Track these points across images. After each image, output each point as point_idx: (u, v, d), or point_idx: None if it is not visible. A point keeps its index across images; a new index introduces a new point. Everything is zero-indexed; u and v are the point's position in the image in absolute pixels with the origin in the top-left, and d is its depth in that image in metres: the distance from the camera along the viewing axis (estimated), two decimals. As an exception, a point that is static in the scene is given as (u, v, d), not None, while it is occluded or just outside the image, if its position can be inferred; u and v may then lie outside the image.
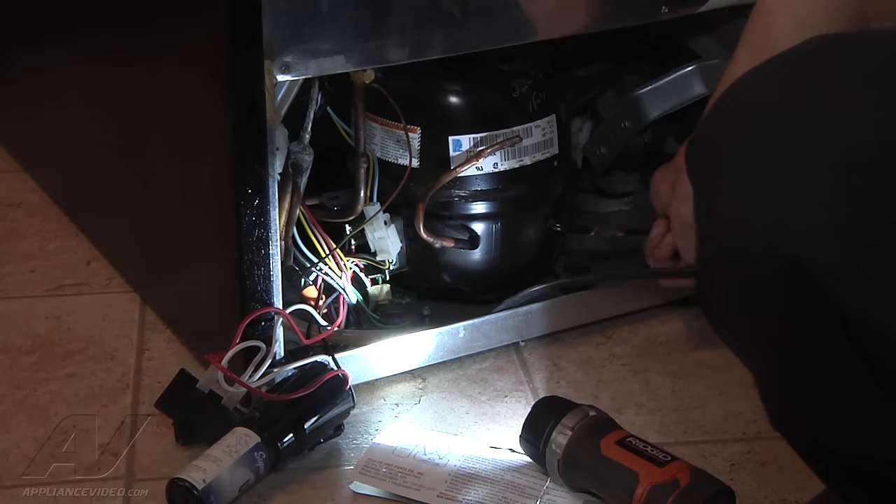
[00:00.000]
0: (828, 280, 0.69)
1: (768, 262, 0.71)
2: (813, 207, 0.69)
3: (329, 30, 1.06)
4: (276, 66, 1.05)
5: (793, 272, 0.70)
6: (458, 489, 1.05)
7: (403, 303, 1.26)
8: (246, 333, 1.09)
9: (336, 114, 1.23)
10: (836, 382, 0.74)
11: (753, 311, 0.75)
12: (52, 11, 1.45)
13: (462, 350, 1.24)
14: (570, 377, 1.23)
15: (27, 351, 1.26)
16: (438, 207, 1.24)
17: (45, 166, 1.60)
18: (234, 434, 1.05)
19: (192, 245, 1.23)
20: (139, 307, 1.33)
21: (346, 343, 1.19)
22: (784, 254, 0.70)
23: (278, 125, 1.11)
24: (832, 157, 0.69)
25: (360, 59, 1.09)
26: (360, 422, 1.15)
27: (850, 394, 0.74)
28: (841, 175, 0.68)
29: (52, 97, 1.52)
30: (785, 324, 0.74)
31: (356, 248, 1.23)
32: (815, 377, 0.75)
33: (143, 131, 1.28)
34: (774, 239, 0.70)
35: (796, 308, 0.72)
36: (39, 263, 1.43)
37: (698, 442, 1.12)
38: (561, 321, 1.28)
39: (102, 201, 1.44)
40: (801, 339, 0.74)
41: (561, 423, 1.05)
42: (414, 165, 1.22)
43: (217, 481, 1.01)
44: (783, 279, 0.71)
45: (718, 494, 1.00)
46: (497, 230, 1.25)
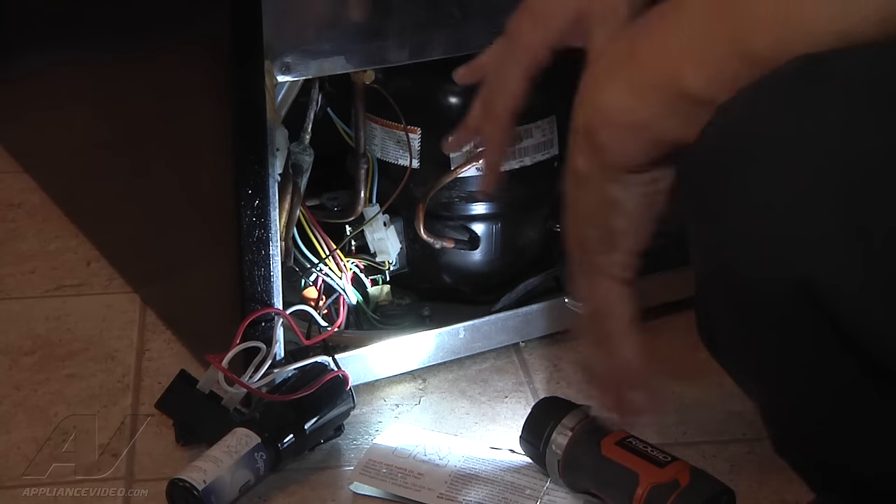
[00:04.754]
0: (836, 295, 0.68)
1: (775, 281, 0.70)
2: (818, 223, 0.68)
3: (329, 30, 1.06)
4: (277, 66, 1.05)
5: (804, 294, 0.69)
6: (458, 490, 1.05)
7: (403, 303, 1.26)
8: (246, 334, 1.10)
9: (336, 115, 1.23)
10: (847, 402, 0.74)
11: (759, 335, 0.74)
12: (53, 12, 1.45)
13: (462, 351, 1.24)
14: (571, 378, 1.23)
15: (27, 351, 1.26)
16: (438, 208, 1.24)
17: (45, 167, 1.60)
18: (235, 435, 1.05)
19: (193, 246, 1.23)
20: (139, 308, 1.34)
21: (346, 344, 1.19)
22: (792, 272, 0.69)
23: (278, 126, 1.11)
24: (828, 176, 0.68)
25: (360, 60, 1.09)
26: (360, 422, 1.15)
27: (859, 411, 0.74)
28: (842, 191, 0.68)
29: (53, 98, 1.52)
30: (792, 346, 0.73)
31: (356, 248, 1.23)
32: (823, 398, 0.74)
33: (143, 132, 1.28)
34: (781, 258, 0.69)
35: (804, 329, 0.71)
36: (40, 264, 1.43)
37: (698, 442, 1.12)
38: (561, 322, 1.28)
39: (103, 202, 1.44)
40: (808, 361, 0.73)
41: (561, 423, 1.05)
42: (414, 166, 1.22)
43: (217, 482, 1.01)
44: (794, 301, 0.70)
45: (718, 495, 1.00)
46: (497, 231, 1.26)
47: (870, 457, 0.77)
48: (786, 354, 0.74)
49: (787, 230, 0.69)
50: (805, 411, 0.77)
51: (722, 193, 0.71)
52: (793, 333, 0.72)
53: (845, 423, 0.76)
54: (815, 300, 0.69)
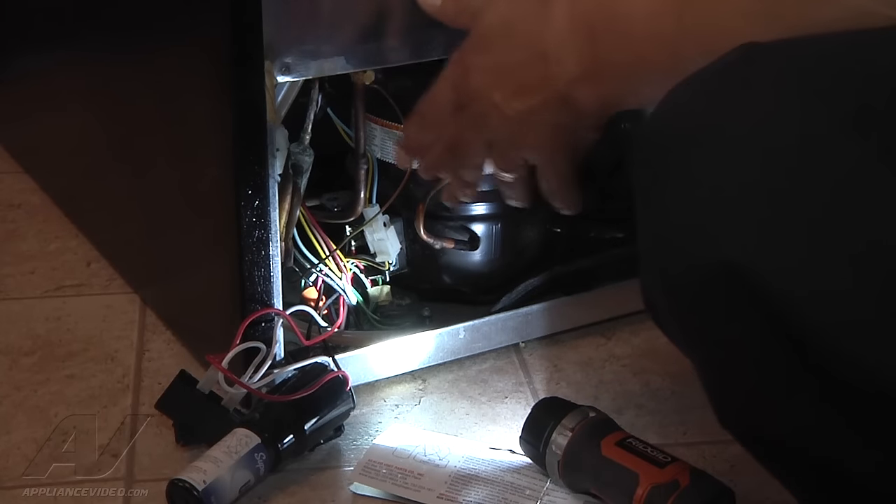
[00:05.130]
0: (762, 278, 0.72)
1: (711, 266, 0.74)
2: (744, 211, 0.72)
3: (329, 31, 1.06)
4: (277, 67, 1.05)
5: (730, 274, 0.73)
6: (458, 490, 1.05)
7: (403, 304, 1.26)
8: (246, 334, 1.10)
9: (336, 115, 1.23)
10: (773, 379, 0.77)
11: (687, 311, 0.79)
12: (53, 13, 1.45)
13: (462, 351, 1.24)
14: (571, 378, 1.23)
15: (27, 352, 1.26)
16: (438, 208, 1.24)
17: (45, 167, 1.60)
18: (235, 435, 1.05)
19: (193, 246, 1.23)
20: (139, 308, 1.34)
21: (346, 344, 1.19)
22: (718, 255, 0.73)
23: (278, 126, 1.11)
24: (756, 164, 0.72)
25: (360, 60, 1.09)
26: (360, 423, 1.15)
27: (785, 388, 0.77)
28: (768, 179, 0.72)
29: (53, 98, 1.52)
30: (715, 323, 0.77)
31: (356, 249, 1.23)
32: (754, 374, 0.78)
33: (143, 132, 1.28)
34: (709, 240, 0.74)
35: (728, 308, 0.75)
36: (39, 264, 1.43)
37: (699, 443, 1.12)
38: (561, 322, 1.28)
39: (103, 202, 1.44)
40: (732, 339, 0.77)
41: (561, 424, 1.05)
42: (414, 167, 1.22)
43: (217, 482, 1.01)
44: (721, 281, 0.73)
45: (719, 495, 1.00)
46: (497, 231, 1.26)
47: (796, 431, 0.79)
48: (710, 331, 0.78)
49: (715, 214, 0.73)
50: (733, 386, 0.81)
51: (663, 173, 0.76)
52: (716, 312, 0.76)
53: (770, 398, 0.79)
54: (740, 282, 0.72)
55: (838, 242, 0.70)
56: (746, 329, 0.75)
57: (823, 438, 0.77)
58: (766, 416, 0.80)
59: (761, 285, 0.72)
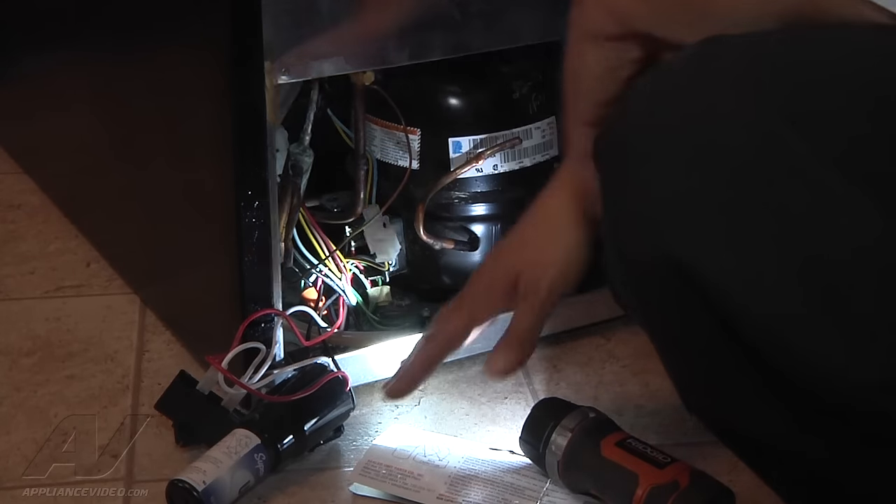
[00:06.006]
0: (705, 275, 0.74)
1: (659, 261, 0.76)
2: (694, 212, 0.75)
3: (329, 31, 1.06)
4: (277, 67, 1.05)
5: (679, 271, 0.75)
6: (457, 491, 1.05)
7: (403, 304, 1.26)
8: (246, 335, 1.10)
9: (336, 116, 1.23)
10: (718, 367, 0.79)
11: (640, 302, 0.82)
12: (53, 13, 1.45)
13: (462, 352, 1.23)
14: (570, 379, 1.23)
15: (27, 352, 1.26)
16: (438, 209, 1.24)
17: (45, 168, 1.60)
18: (234, 436, 1.05)
19: (192, 246, 1.23)
20: (139, 309, 1.34)
21: (345, 344, 1.19)
22: (672, 254, 0.75)
23: (278, 127, 1.11)
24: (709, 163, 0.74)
25: (360, 61, 1.09)
26: (359, 423, 1.15)
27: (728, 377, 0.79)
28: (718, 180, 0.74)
29: (53, 99, 1.52)
30: (665, 317, 0.80)
31: (356, 249, 1.23)
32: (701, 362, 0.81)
33: (143, 133, 1.28)
34: (664, 240, 0.76)
35: (676, 303, 0.77)
36: (39, 265, 1.43)
37: (699, 443, 1.12)
38: (561, 322, 1.28)
39: (103, 203, 1.44)
40: (680, 333, 0.80)
41: (561, 424, 1.05)
42: (414, 167, 1.22)
43: (217, 483, 1.01)
44: (671, 276, 0.76)
45: (718, 496, 1.00)
46: (497, 232, 1.26)
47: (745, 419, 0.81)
48: (661, 324, 0.82)
49: (665, 212, 0.75)
50: (687, 371, 0.83)
51: (622, 169, 0.79)
52: (665, 306, 0.79)
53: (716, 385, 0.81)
54: (687, 279, 0.75)
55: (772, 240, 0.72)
56: (689, 320, 0.77)
57: (767, 425, 0.80)
58: (718, 402, 0.82)
59: (701, 277, 0.74)
